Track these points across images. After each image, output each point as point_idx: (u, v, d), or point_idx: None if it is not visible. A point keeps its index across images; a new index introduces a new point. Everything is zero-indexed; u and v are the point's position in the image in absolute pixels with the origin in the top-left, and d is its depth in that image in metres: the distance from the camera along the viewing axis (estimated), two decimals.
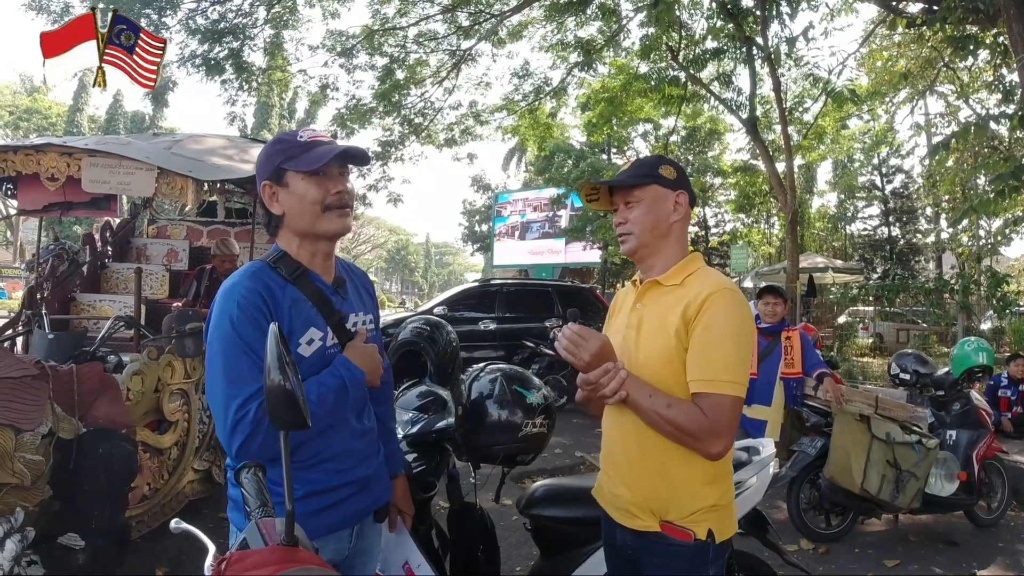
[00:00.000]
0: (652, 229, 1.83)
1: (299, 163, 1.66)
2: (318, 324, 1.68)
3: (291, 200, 1.68)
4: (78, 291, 6.81)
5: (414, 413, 2.46)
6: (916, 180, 27.40)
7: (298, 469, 1.63)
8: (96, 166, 4.37)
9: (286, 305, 1.63)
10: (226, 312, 1.57)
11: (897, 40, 16.37)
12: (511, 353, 10.07)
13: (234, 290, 1.59)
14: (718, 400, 1.63)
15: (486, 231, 36.34)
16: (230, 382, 1.52)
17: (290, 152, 1.68)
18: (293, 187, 1.68)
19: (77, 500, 3.09)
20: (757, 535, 2.88)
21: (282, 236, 1.74)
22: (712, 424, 1.62)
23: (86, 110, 42.98)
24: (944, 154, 14.27)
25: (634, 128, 22.59)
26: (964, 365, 5.40)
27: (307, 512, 1.63)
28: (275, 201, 1.70)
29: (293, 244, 1.72)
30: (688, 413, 1.63)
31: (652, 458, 1.76)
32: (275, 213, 1.70)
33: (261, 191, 1.70)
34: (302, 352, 1.64)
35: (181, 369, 4.14)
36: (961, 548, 4.96)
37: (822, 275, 19.78)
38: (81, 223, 26.52)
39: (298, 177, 1.67)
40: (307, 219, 1.69)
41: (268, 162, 1.70)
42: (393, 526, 2.03)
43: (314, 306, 1.69)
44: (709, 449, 1.65)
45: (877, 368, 14.36)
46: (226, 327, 1.56)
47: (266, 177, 1.69)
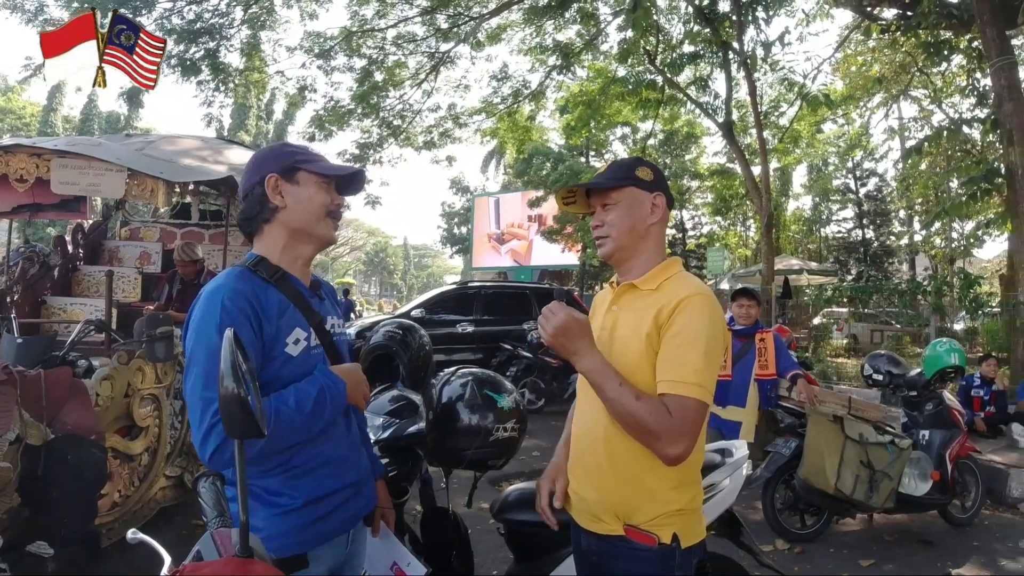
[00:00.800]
0: (629, 231, 1.81)
1: (318, 166, 1.73)
2: (302, 324, 1.69)
3: (299, 197, 1.72)
4: (48, 294, 6.70)
5: (386, 418, 2.43)
6: (890, 183, 27.83)
7: (294, 477, 1.64)
8: (66, 167, 4.31)
9: (273, 306, 1.64)
10: (211, 313, 1.56)
11: (872, 45, 16.58)
12: (489, 356, 10.07)
13: (220, 292, 1.58)
14: (683, 402, 1.60)
15: (465, 233, 36.29)
16: (208, 386, 1.50)
17: (308, 156, 1.76)
18: (304, 186, 1.72)
19: (46, 507, 3.03)
20: (731, 537, 2.89)
21: (267, 234, 1.74)
22: (676, 425, 1.58)
23: (60, 110, 42.33)
24: (918, 158, 14.48)
25: (612, 131, 22.72)
26: (936, 366, 5.46)
27: (308, 521, 1.64)
28: (278, 193, 1.71)
29: (277, 246, 1.73)
30: (655, 410, 1.59)
31: (618, 461, 1.73)
32: (275, 204, 1.71)
33: (265, 182, 1.70)
34: (290, 352, 1.65)
35: (152, 374, 4.08)
36: (936, 547, 5.01)
37: (797, 277, 19.96)
38: (54, 225, 26.13)
39: (312, 178, 1.73)
40: (309, 218, 1.73)
41: (280, 158, 1.74)
42: (377, 529, 2.02)
43: (296, 307, 1.69)
44: (669, 450, 1.59)
45: (852, 368, 14.49)
46: (210, 329, 1.54)
47: (275, 170, 1.71)
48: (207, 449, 1.48)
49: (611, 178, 1.84)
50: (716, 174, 21.11)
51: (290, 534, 1.61)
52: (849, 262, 27.64)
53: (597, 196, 1.86)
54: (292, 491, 1.63)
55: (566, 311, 1.68)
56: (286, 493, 1.62)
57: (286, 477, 1.63)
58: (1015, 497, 6.13)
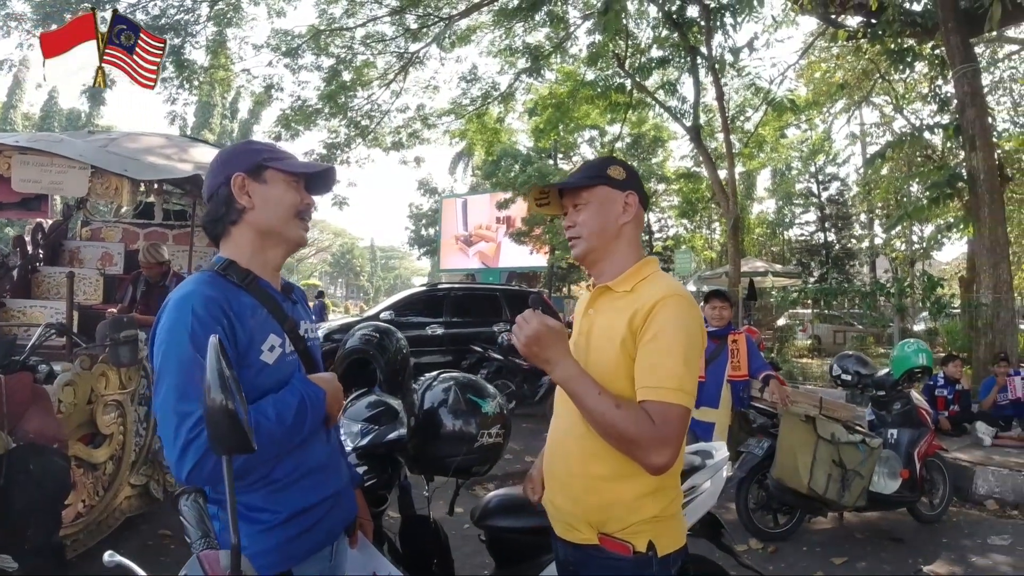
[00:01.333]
0: (601, 231, 1.76)
1: (287, 164, 1.67)
2: (276, 330, 1.61)
3: (267, 196, 1.65)
4: (7, 296, 6.49)
5: (364, 424, 2.36)
6: (851, 187, 28.42)
7: (276, 491, 1.56)
8: (27, 164, 4.17)
9: (246, 312, 1.56)
10: (182, 321, 1.46)
11: (835, 52, 16.85)
12: (459, 358, 10.01)
13: (191, 298, 1.49)
14: (665, 409, 1.53)
15: (433, 235, 36.16)
16: (183, 398, 1.40)
17: (275, 153, 1.69)
18: (272, 185, 1.65)
19: (8, 519, 2.92)
20: (711, 538, 2.88)
21: (235, 236, 1.65)
22: (659, 433, 1.52)
23: (20, 107, 41.42)
24: (880, 162, 14.75)
25: (580, 134, 22.81)
26: (904, 366, 5.54)
27: (293, 535, 1.57)
28: (245, 193, 1.63)
29: (245, 249, 1.65)
30: (636, 419, 1.53)
31: (591, 469, 1.68)
32: (242, 204, 1.63)
33: (231, 182, 1.62)
34: (265, 359, 1.56)
35: (116, 379, 3.95)
36: (906, 544, 5.08)
37: (762, 279, 20.23)
38: (12, 225, 25.48)
39: (280, 177, 1.66)
40: (278, 219, 1.66)
41: (246, 156, 1.66)
42: (355, 540, 1.95)
43: (269, 312, 1.62)
44: (652, 460, 1.53)
45: (816, 369, 14.73)
46: (181, 338, 1.44)
47: (241, 169, 1.63)
48: (185, 466, 1.38)
49: (582, 177, 1.80)
50: (683, 177, 21.30)
51: (274, 551, 1.54)
52: (812, 264, 28.15)
53: (569, 196, 1.82)
54: (274, 506, 1.55)
55: (539, 319, 1.63)
56: (268, 508, 1.54)
57: (268, 492, 1.55)
58: (981, 494, 6.24)
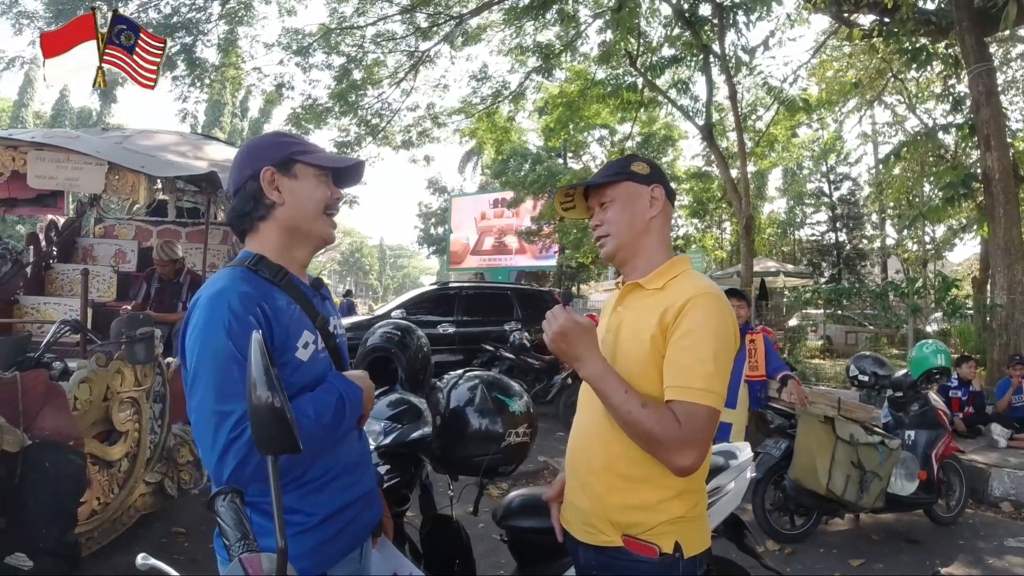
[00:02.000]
0: (629, 227, 1.74)
1: (317, 158, 1.62)
2: (309, 327, 1.57)
3: (297, 192, 1.59)
4: (21, 293, 6.51)
5: (386, 423, 2.33)
6: (863, 187, 28.20)
7: (310, 492, 1.51)
8: (43, 160, 4.16)
9: (281, 309, 1.51)
10: (218, 319, 1.41)
11: (848, 51, 16.76)
12: (470, 357, 9.98)
13: (225, 294, 1.44)
14: (692, 409, 1.51)
15: (442, 234, 36.13)
16: (223, 398, 1.36)
17: (304, 146, 1.63)
18: (302, 180, 1.60)
19: (23, 517, 2.91)
20: (734, 539, 2.85)
21: (263, 232, 1.60)
22: (684, 434, 1.49)
23: (32, 105, 41.62)
24: (893, 162, 14.66)
25: (591, 133, 22.74)
26: (923, 367, 5.48)
27: (326, 538, 1.53)
28: (274, 189, 1.57)
29: (274, 244, 1.59)
30: (662, 418, 1.50)
31: (617, 468, 1.65)
32: (271, 200, 1.58)
33: (260, 176, 1.56)
34: (300, 356, 1.52)
35: (131, 376, 3.94)
36: (923, 546, 5.03)
37: (774, 279, 20.14)
38: (25, 222, 25.61)
39: (310, 172, 1.61)
40: (307, 216, 1.61)
41: (275, 149, 1.61)
42: (375, 539, 1.92)
43: (302, 309, 1.57)
44: (678, 461, 1.51)
45: (829, 369, 14.63)
46: (219, 336, 1.39)
47: (270, 163, 1.58)
48: (226, 468, 1.34)
49: (606, 175, 1.78)
50: (694, 177, 21.21)
51: (310, 554, 1.50)
52: (823, 264, 27.98)
53: (594, 196, 1.80)
54: (308, 507, 1.50)
55: (567, 315, 1.61)
56: (302, 510, 1.50)
57: (302, 493, 1.50)
58: (996, 496, 6.19)
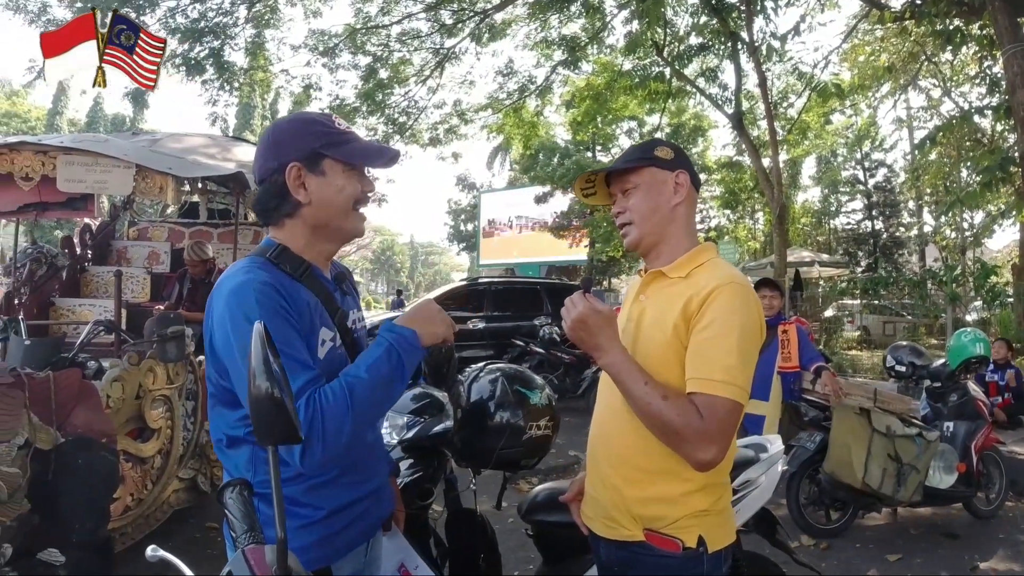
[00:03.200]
0: (652, 215, 1.68)
1: (345, 153, 1.52)
2: (328, 323, 1.53)
3: (326, 190, 1.51)
4: (57, 295, 6.65)
5: (409, 417, 2.34)
6: (899, 174, 27.67)
7: (317, 486, 1.48)
8: (72, 164, 4.23)
9: (302, 304, 1.47)
10: (240, 311, 1.37)
11: (879, 35, 16.43)
12: (501, 352, 10.00)
13: (248, 286, 1.40)
14: (714, 402, 1.46)
15: (471, 230, 36.22)
16: None
17: (331, 138, 1.52)
18: (331, 177, 1.51)
19: (57, 513, 2.96)
20: (766, 535, 2.80)
21: (288, 227, 1.54)
22: (706, 428, 1.45)
23: (66, 113, 42.64)
24: (929, 147, 14.35)
25: (619, 125, 22.61)
26: (961, 356, 5.35)
27: (331, 532, 1.51)
28: (301, 186, 1.50)
29: (300, 239, 1.54)
30: (683, 411, 1.46)
31: (637, 461, 1.61)
32: (299, 200, 1.51)
33: (287, 172, 1.49)
34: (318, 355, 1.48)
35: (163, 374, 3.99)
36: (961, 540, 4.92)
37: (808, 269, 19.84)
38: (61, 227, 26.22)
39: (339, 167, 1.52)
40: (336, 214, 1.54)
41: (301, 142, 1.51)
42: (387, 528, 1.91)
43: (322, 304, 1.53)
44: (698, 455, 1.46)
45: (866, 361, 14.39)
46: (245, 327, 1.33)
47: (296, 158, 1.49)
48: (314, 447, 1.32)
49: (628, 160, 1.72)
50: (725, 167, 20.98)
51: (315, 547, 1.48)
52: (859, 253, 27.48)
53: (616, 183, 1.74)
54: (316, 501, 1.48)
55: (586, 303, 1.57)
56: (309, 504, 1.48)
57: (309, 487, 1.48)
58: None
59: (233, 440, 1.49)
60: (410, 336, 1.52)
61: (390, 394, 1.49)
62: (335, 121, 1.57)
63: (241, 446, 1.48)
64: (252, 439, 1.44)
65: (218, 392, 1.49)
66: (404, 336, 1.51)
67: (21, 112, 41.43)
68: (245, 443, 1.47)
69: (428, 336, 1.55)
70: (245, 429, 1.45)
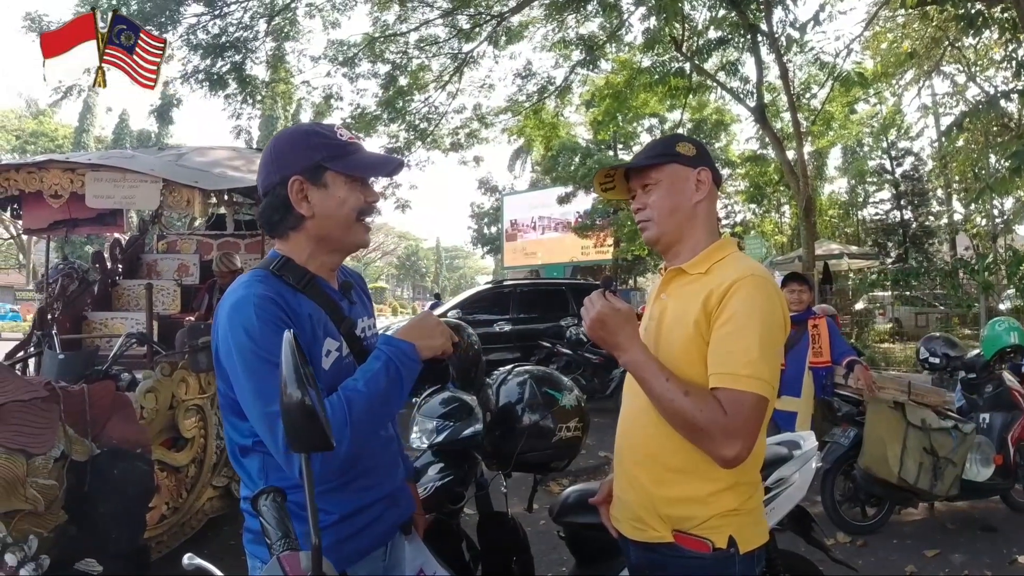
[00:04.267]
0: (673, 212, 1.66)
1: (347, 165, 1.52)
2: (333, 334, 1.53)
3: (328, 203, 1.51)
4: (89, 309, 6.76)
5: (439, 421, 2.34)
6: (926, 162, 27.24)
7: (329, 491, 1.48)
8: (100, 181, 4.31)
9: (304, 316, 1.48)
10: (240, 325, 1.39)
11: (901, 21, 16.21)
12: (527, 354, 9.99)
13: (247, 300, 1.42)
14: (738, 397, 1.44)
15: (495, 233, 36.27)
16: (267, 402, 1.35)
17: (333, 150, 1.52)
18: (334, 190, 1.51)
19: (93, 524, 3.00)
20: (801, 533, 2.76)
21: (292, 240, 1.55)
22: (729, 423, 1.43)
23: (92, 131, 43.36)
24: (956, 134, 14.12)
25: (640, 123, 22.51)
26: (996, 346, 5.24)
27: (340, 538, 1.50)
28: (303, 200, 1.50)
29: (304, 251, 1.54)
30: (706, 407, 1.45)
31: (663, 460, 1.60)
32: (302, 214, 1.51)
33: (289, 186, 1.49)
34: (323, 366, 1.49)
35: (196, 384, 4.05)
36: (1000, 534, 4.81)
37: (837, 262, 19.57)
38: (92, 242, 26.69)
39: (341, 179, 1.52)
40: (340, 226, 1.53)
41: (303, 155, 1.51)
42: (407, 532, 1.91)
43: (327, 314, 1.53)
44: (723, 451, 1.44)
45: (899, 353, 14.16)
46: (243, 341, 1.38)
47: (297, 171, 1.49)
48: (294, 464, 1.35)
49: (649, 156, 1.70)
50: (749, 161, 20.79)
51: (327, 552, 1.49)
52: (888, 244, 27.08)
53: (636, 178, 1.72)
54: (328, 506, 1.47)
55: (604, 302, 1.57)
56: (321, 508, 1.43)
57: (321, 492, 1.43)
58: None
59: (244, 449, 1.51)
60: (408, 349, 1.52)
61: (388, 407, 1.49)
62: (337, 132, 1.57)
63: (251, 455, 1.50)
64: (262, 449, 1.46)
65: (228, 403, 1.51)
66: (402, 350, 1.51)
67: (48, 131, 42.18)
68: (255, 452, 1.49)
69: (426, 349, 1.56)
70: (253, 439, 1.47)
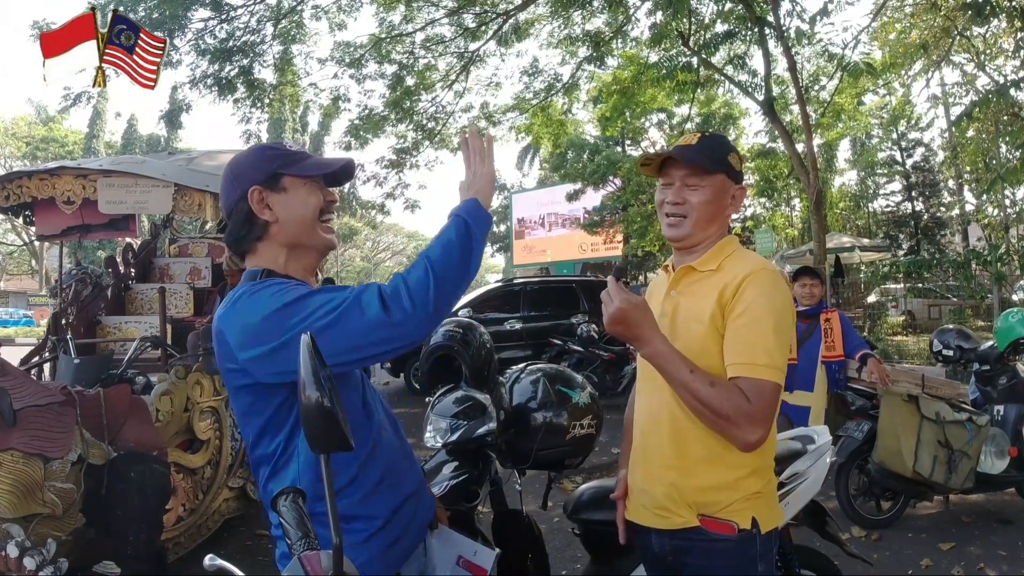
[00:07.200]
0: (708, 220, 1.73)
1: (302, 168, 1.57)
2: None
3: (290, 204, 1.56)
4: (103, 314, 6.80)
5: (452, 420, 2.34)
6: (937, 153, 27.03)
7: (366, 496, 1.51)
8: (112, 186, 4.34)
9: None
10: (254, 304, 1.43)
11: (909, 11, 16.08)
12: (539, 351, 10.00)
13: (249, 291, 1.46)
14: (759, 385, 1.53)
15: (504, 231, 36.26)
16: None
17: (287, 158, 1.58)
18: (292, 192, 1.56)
19: (111, 526, 3.03)
20: (816, 527, 2.76)
21: (262, 251, 1.58)
22: (753, 410, 1.51)
23: (102, 136, 43.56)
24: (965, 124, 14.00)
25: (648, 118, 22.43)
26: (1010, 337, 5.19)
27: (392, 540, 1.53)
28: (265, 207, 1.54)
29: (278, 258, 1.58)
30: (730, 396, 1.52)
31: (688, 449, 1.66)
32: (266, 220, 1.55)
33: (249, 196, 1.54)
34: None
35: (210, 386, 4.08)
36: (1016, 526, 4.80)
37: (849, 255, 19.46)
38: (104, 247, 26.86)
39: (299, 182, 1.57)
40: (303, 226, 1.57)
41: (260, 166, 1.57)
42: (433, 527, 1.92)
43: None
44: (747, 437, 1.52)
45: (912, 346, 14.07)
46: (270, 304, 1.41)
47: (257, 182, 1.54)
48: None
49: (708, 158, 1.71)
50: (759, 155, 20.68)
51: (379, 559, 1.50)
52: (900, 236, 26.90)
53: (679, 168, 1.73)
54: (367, 511, 1.50)
55: (622, 297, 1.58)
56: (360, 515, 1.50)
57: (357, 498, 1.50)
58: None
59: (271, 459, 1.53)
60: (472, 206, 1.56)
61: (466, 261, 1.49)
62: (287, 144, 1.65)
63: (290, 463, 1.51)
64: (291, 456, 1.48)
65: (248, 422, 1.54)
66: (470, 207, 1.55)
67: (59, 137, 42.40)
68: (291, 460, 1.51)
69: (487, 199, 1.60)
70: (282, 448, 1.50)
